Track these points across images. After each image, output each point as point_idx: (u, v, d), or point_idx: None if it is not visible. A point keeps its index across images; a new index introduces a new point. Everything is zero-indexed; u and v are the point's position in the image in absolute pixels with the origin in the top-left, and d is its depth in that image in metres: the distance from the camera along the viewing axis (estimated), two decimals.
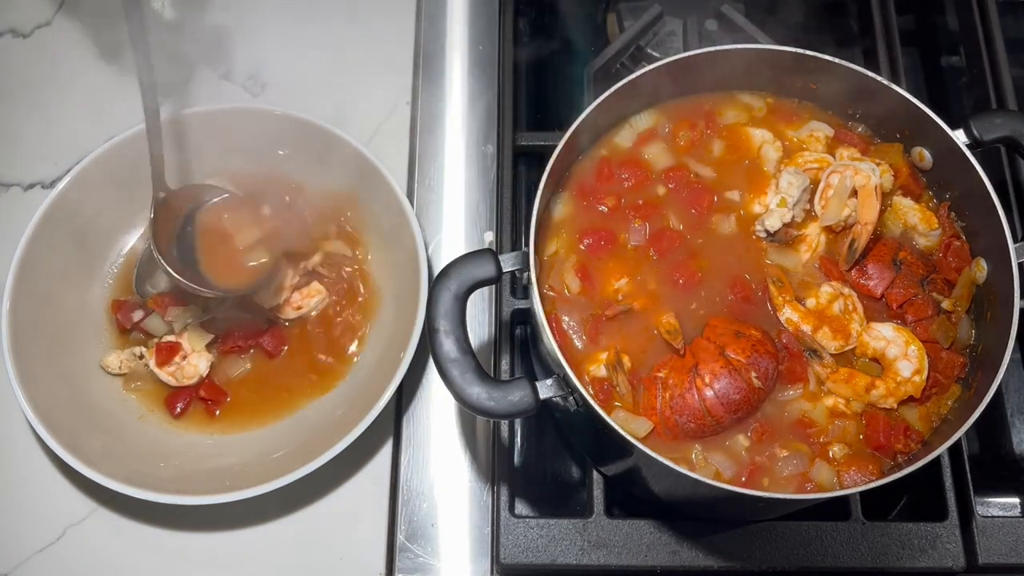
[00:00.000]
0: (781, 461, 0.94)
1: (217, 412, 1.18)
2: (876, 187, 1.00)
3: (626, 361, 0.97)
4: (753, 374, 0.93)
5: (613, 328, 0.99)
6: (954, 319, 0.99)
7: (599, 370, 0.97)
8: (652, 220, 1.04)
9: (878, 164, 1.04)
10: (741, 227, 1.04)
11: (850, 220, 1.02)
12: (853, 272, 1.01)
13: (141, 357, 1.19)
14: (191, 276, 1.13)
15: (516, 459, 1.22)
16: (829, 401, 0.97)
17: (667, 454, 0.89)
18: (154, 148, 1.14)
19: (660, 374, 0.96)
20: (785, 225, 1.02)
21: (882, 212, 1.03)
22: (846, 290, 1.01)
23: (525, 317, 1.20)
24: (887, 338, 0.97)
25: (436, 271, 1.12)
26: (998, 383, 0.90)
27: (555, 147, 0.99)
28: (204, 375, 1.18)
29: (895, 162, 1.05)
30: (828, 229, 1.03)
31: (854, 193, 1.02)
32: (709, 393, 0.93)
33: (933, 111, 1.01)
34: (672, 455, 0.92)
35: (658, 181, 1.06)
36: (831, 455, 0.94)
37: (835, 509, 1.08)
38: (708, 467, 0.93)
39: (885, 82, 1.03)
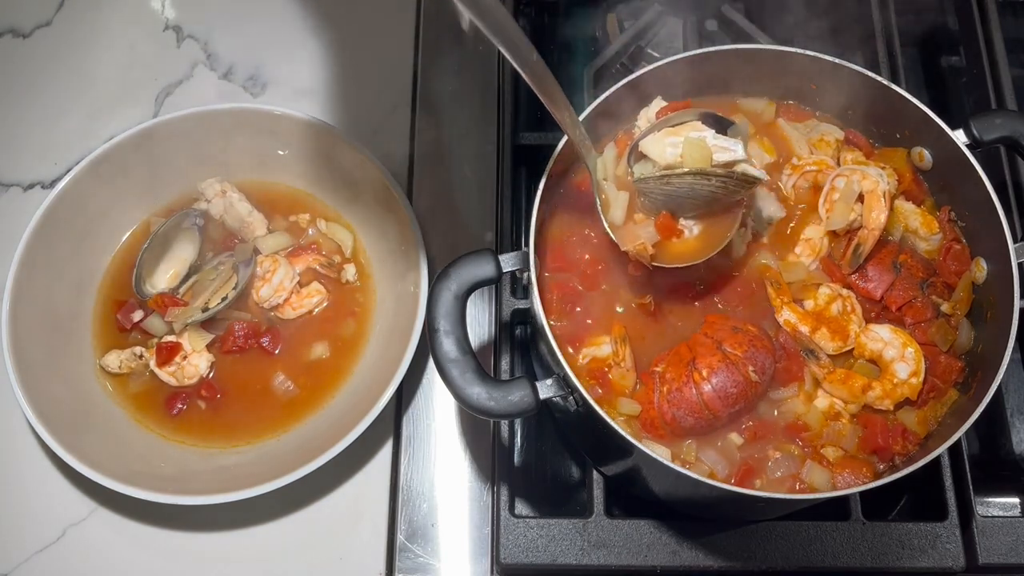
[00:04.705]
0: (773, 462, 0.94)
1: (217, 412, 1.18)
2: (884, 192, 1.00)
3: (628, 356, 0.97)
4: (750, 368, 0.93)
5: (611, 323, 1.00)
6: (953, 323, 0.99)
7: (599, 350, 0.98)
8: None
9: (883, 168, 1.04)
10: (757, 236, 1.05)
11: (855, 224, 1.02)
12: (853, 274, 1.02)
13: (141, 357, 1.19)
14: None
15: (516, 459, 1.22)
16: (825, 402, 0.97)
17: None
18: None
19: (657, 368, 0.96)
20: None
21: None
22: (845, 291, 1.01)
23: (525, 317, 1.20)
24: (884, 340, 0.97)
25: (436, 271, 1.12)
26: (998, 383, 0.90)
27: (555, 147, 0.99)
28: (204, 375, 1.19)
29: (899, 167, 1.05)
30: (831, 231, 1.03)
31: (859, 197, 1.02)
32: (707, 388, 0.93)
33: (933, 111, 1.01)
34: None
35: None
36: (826, 456, 0.94)
37: (835, 509, 1.08)
38: (700, 466, 0.94)
39: (885, 82, 1.03)
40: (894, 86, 1.02)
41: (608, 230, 0.97)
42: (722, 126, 0.96)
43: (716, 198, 0.93)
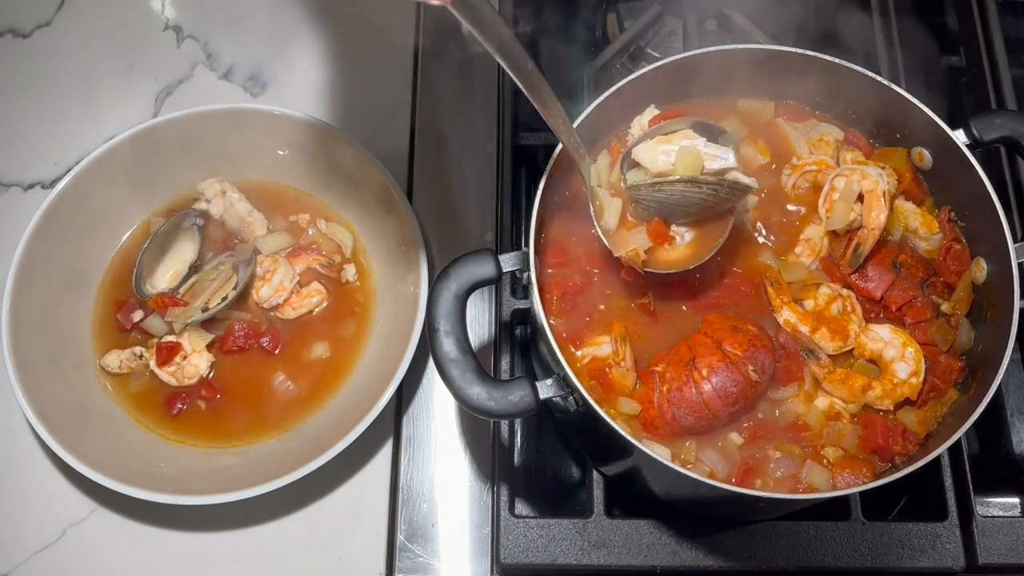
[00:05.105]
0: (773, 462, 0.94)
1: (217, 412, 1.18)
2: (884, 192, 1.00)
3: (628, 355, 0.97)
4: (750, 367, 0.93)
5: (611, 323, 1.00)
6: (953, 323, 0.99)
7: (599, 350, 0.97)
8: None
9: (883, 168, 1.04)
10: (740, 228, 1.04)
11: (855, 224, 1.02)
12: (853, 274, 1.01)
13: (141, 357, 1.19)
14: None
15: (516, 459, 1.22)
16: (825, 402, 0.97)
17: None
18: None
19: (657, 368, 0.96)
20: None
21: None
22: (844, 291, 1.01)
23: (525, 317, 1.20)
24: (884, 339, 0.97)
25: (436, 271, 1.12)
26: (998, 383, 0.90)
27: (555, 147, 0.99)
28: (204, 375, 1.19)
29: (899, 167, 1.05)
30: (831, 231, 1.03)
31: (859, 197, 1.02)
32: (707, 387, 0.93)
33: (933, 111, 1.01)
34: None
35: None
36: (826, 456, 0.94)
37: (835, 509, 1.08)
38: (700, 466, 0.94)
39: (885, 82, 1.03)
40: (894, 86, 1.02)
41: (601, 236, 0.97)
42: (713, 134, 0.96)
43: (707, 205, 0.94)
